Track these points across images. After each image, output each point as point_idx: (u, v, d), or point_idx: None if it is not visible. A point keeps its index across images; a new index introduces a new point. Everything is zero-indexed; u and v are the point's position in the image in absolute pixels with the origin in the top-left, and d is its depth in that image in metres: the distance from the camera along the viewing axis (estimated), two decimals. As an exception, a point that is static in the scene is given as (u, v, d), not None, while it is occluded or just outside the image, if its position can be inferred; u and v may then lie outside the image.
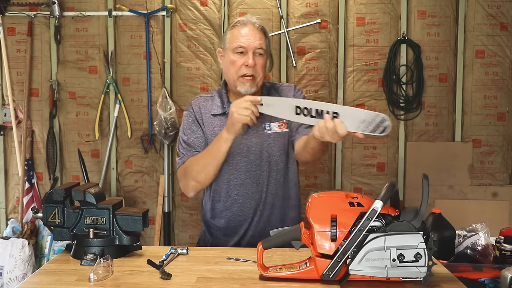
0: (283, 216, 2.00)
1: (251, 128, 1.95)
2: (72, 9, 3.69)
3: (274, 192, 1.97)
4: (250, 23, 1.91)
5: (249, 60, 1.87)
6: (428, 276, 1.32)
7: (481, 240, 1.85)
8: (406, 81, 3.61)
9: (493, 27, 3.56)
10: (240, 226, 1.98)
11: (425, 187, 1.34)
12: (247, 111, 1.73)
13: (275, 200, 1.98)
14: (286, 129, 1.98)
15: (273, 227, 1.90)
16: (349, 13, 3.61)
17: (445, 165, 3.58)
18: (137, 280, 1.45)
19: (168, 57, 3.70)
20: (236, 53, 1.89)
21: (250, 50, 1.88)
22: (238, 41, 1.89)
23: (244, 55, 1.89)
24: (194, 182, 1.93)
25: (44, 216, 1.69)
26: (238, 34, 1.90)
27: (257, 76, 1.91)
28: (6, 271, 3.30)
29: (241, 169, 1.95)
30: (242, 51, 1.89)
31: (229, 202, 1.98)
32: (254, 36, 1.89)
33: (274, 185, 1.96)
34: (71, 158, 3.78)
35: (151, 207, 3.72)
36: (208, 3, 3.65)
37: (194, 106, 2.03)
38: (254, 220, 1.97)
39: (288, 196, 2.01)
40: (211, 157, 1.89)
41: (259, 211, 1.96)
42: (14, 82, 3.76)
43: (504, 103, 3.61)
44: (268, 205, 1.97)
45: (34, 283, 1.46)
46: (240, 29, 1.90)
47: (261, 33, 1.92)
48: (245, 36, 1.88)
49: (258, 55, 1.90)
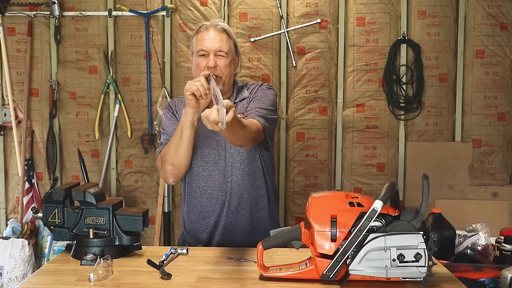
0: (253, 206, 2.05)
1: None
2: (72, 9, 3.69)
3: (240, 182, 2.03)
4: (211, 27, 2.03)
5: (210, 62, 1.98)
6: (428, 276, 1.32)
7: (481, 240, 1.85)
8: (406, 81, 3.61)
9: (493, 27, 3.56)
10: (209, 217, 2.04)
11: (425, 187, 1.34)
12: (197, 82, 1.83)
13: (242, 189, 2.03)
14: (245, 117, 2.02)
15: (242, 217, 2.01)
16: (349, 13, 3.61)
17: (445, 165, 3.58)
18: (137, 280, 1.45)
19: (168, 57, 3.70)
20: (199, 55, 2.01)
21: (212, 52, 1.99)
22: (200, 45, 2.01)
23: (206, 57, 2.00)
24: (170, 166, 1.99)
25: (44, 216, 1.69)
26: (201, 38, 2.02)
27: (222, 76, 2.01)
28: (6, 271, 3.30)
29: (209, 161, 2.03)
30: (204, 54, 2.00)
31: (198, 193, 2.05)
32: (214, 39, 2.00)
33: (239, 175, 2.02)
34: (71, 158, 3.78)
35: (151, 207, 3.72)
36: (208, 3, 3.65)
37: (171, 105, 2.16)
38: (223, 211, 2.03)
39: (256, 186, 2.07)
40: (178, 135, 1.95)
41: (227, 201, 2.02)
42: (14, 82, 3.76)
43: (504, 103, 3.61)
44: (235, 195, 2.02)
45: (34, 283, 1.46)
46: (203, 34, 2.02)
47: (223, 34, 2.03)
48: (207, 39, 2.00)
49: (220, 56, 2.00)
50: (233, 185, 2.02)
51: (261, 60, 3.63)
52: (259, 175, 2.07)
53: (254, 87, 2.15)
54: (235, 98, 2.10)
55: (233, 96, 2.10)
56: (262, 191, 2.08)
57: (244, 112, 2.05)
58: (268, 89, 2.13)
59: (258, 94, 2.09)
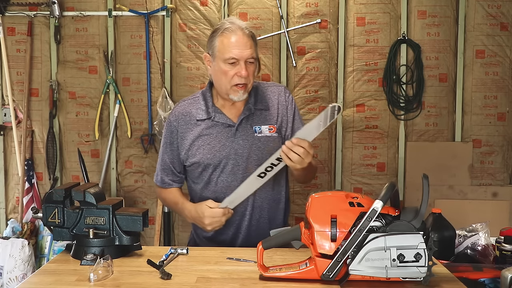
0: (272, 219, 2.00)
1: (239, 130, 1.94)
2: (72, 9, 3.69)
3: (264, 196, 1.96)
4: (239, 30, 1.86)
5: (242, 71, 1.84)
6: (428, 276, 1.32)
7: (481, 240, 1.84)
8: (406, 81, 3.61)
9: (493, 27, 3.56)
10: (227, 228, 1.96)
11: (425, 187, 1.34)
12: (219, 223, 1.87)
13: (264, 203, 1.97)
14: (275, 133, 1.96)
15: (262, 230, 1.92)
16: (349, 13, 3.61)
17: (445, 165, 3.58)
18: (137, 280, 1.45)
19: (168, 57, 3.69)
20: (228, 63, 1.85)
21: (242, 60, 1.84)
22: (230, 52, 1.84)
23: (235, 65, 1.85)
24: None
25: (44, 216, 1.69)
26: (228, 44, 1.85)
27: (249, 83, 1.90)
28: (6, 271, 3.30)
29: (227, 172, 1.93)
30: (234, 62, 1.85)
31: None
32: (245, 45, 1.85)
33: (263, 189, 1.91)
34: (71, 158, 3.78)
35: (151, 207, 3.72)
36: (208, 3, 3.65)
37: (177, 113, 2.00)
38: (242, 223, 1.96)
39: (278, 199, 2.01)
40: (175, 207, 2.06)
41: (247, 214, 1.95)
42: (14, 82, 3.76)
43: (504, 103, 3.61)
44: (257, 208, 1.96)
45: (34, 283, 1.46)
46: (230, 37, 1.85)
47: (251, 40, 1.88)
48: (236, 46, 1.84)
49: (249, 63, 1.87)
50: (256, 198, 1.94)
51: (261, 60, 3.62)
52: (282, 188, 2.02)
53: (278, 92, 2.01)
54: (254, 103, 1.96)
55: (251, 101, 1.96)
56: (282, 200, 2.03)
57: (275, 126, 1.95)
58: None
59: (296, 114, 2.01)
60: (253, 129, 1.95)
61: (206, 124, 1.96)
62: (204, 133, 1.95)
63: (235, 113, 1.96)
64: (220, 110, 1.96)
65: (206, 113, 1.96)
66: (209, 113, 1.96)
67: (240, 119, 1.94)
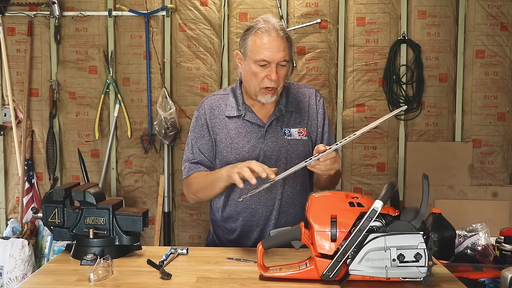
0: (297, 220, 1.95)
1: (269, 132, 1.90)
2: (72, 9, 3.69)
3: (290, 201, 1.91)
4: (274, 31, 1.77)
5: (273, 75, 1.77)
6: (428, 276, 1.32)
7: (481, 240, 1.84)
8: (406, 81, 3.61)
9: (493, 27, 3.56)
10: (250, 232, 1.93)
11: (425, 187, 1.34)
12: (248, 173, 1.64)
13: (290, 208, 1.92)
14: (305, 136, 1.92)
15: None
16: (349, 13, 3.61)
17: (445, 165, 3.58)
18: (137, 280, 1.45)
19: (168, 57, 3.69)
20: (259, 65, 1.79)
21: (274, 62, 1.77)
22: (261, 54, 1.77)
23: (266, 67, 1.78)
24: (194, 196, 1.92)
25: (44, 216, 1.69)
26: (261, 44, 1.77)
27: (278, 87, 1.84)
28: (6, 271, 3.30)
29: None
30: (265, 64, 1.78)
31: (240, 207, 1.92)
32: (278, 47, 1.76)
33: (290, 193, 1.89)
34: (71, 158, 3.78)
35: (151, 207, 3.72)
36: (208, 3, 3.65)
37: (206, 107, 1.95)
38: (266, 228, 1.91)
39: (303, 205, 1.93)
40: (209, 187, 1.85)
41: (273, 218, 1.90)
42: (14, 82, 3.76)
43: (504, 103, 3.61)
44: (283, 213, 1.90)
45: (34, 283, 1.46)
46: (263, 38, 1.77)
47: (285, 41, 1.79)
48: (269, 48, 1.76)
49: (281, 66, 1.80)
50: (282, 202, 1.90)
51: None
52: (308, 188, 1.98)
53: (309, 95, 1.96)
54: (286, 104, 1.92)
55: (282, 102, 1.92)
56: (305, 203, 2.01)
57: (305, 129, 1.92)
58: None
59: (326, 118, 1.98)
60: (283, 131, 1.91)
61: (235, 123, 1.91)
62: (233, 131, 1.90)
63: (265, 113, 1.92)
64: (251, 109, 1.91)
65: (237, 110, 1.91)
66: (239, 111, 1.91)
67: (271, 120, 1.89)
